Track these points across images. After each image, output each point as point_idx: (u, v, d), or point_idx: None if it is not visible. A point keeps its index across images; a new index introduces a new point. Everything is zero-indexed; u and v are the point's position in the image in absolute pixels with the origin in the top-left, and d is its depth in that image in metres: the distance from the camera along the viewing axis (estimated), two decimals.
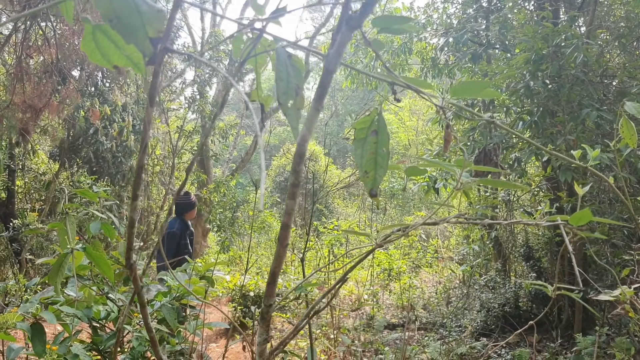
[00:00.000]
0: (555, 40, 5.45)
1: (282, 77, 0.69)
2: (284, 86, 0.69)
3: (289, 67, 0.69)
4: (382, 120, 0.80)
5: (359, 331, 6.57)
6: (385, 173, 0.80)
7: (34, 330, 1.68)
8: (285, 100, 0.68)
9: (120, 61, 0.66)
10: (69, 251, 1.59)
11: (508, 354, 6.09)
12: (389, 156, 0.79)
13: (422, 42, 10.07)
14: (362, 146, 0.80)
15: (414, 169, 0.89)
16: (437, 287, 9.09)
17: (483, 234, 7.54)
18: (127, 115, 11.07)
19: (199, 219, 15.82)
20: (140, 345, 1.90)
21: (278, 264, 0.74)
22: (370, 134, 0.79)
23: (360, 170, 0.79)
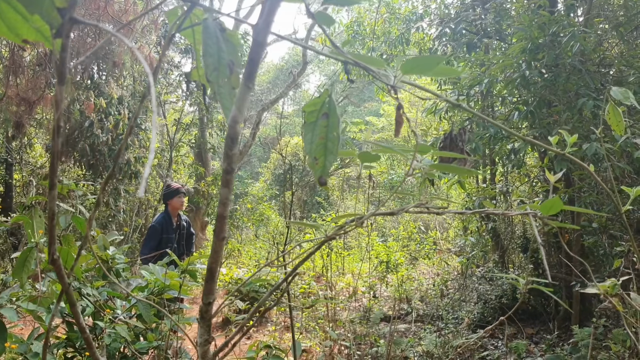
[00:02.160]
0: (551, 29, 5.36)
1: (212, 52, 0.62)
2: (214, 62, 0.62)
3: (221, 41, 0.63)
4: (332, 102, 0.73)
5: (355, 323, 6.53)
6: (335, 159, 0.74)
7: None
8: (215, 77, 0.62)
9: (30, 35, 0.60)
10: (33, 245, 1.53)
11: (505, 345, 6.05)
12: (339, 141, 0.73)
13: (419, 33, 9.99)
14: (312, 130, 0.74)
15: (367, 154, 0.83)
16: (435, 279, 9.05)
17: (479, 226, 7.49)
18: (123, 109, 11.00)
19: (197, 212, 15.79)
20: (115, 342, 1.85)
21: (215, 259, 0.68)
22: (321, 117, 0.73)
23: (309, 157, 0.73)
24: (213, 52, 0.62)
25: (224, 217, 0.66)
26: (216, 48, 0.62)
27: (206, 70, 0.62)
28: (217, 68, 0.62)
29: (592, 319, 5.68)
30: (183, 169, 16.81)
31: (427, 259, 10.82)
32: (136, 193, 13.06)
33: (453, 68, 0.81)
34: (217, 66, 0.62)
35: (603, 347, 5.22)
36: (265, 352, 2.38)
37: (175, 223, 5.74)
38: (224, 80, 0.62)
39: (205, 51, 0.62)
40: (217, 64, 0.62)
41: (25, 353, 1.69)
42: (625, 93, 1.36)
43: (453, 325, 6.51)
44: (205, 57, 0.62)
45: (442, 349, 5.62)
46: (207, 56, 0.62)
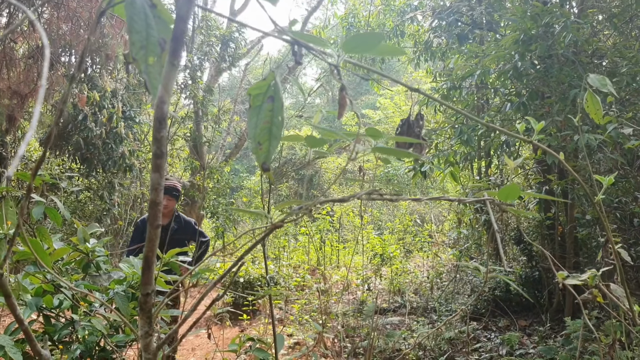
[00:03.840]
0: (544, 20, 5.32)
1: (139, 29, 0.59)
2: (141, 39, 0.59)
3: (150, 17, 0.59)
4: (277, 85, 0.70)
5: (348, 316, 6.52)
6: (278, 144, 0.71)
7: None
8: (142, 56, 0.59)
9: None
10: (2, 237, 1.51)
11: (498, 337, 6.04)
12: (284, 125, 0.70)
13: (414, 25, 9.94)
14: (257, 115, 0.71)
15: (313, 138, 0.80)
16: (429, 271, 9.04)
17: (471, 218, 7.47)
18: (116, 102, 10.94)
19: (193, 205, 15.76)
20: (92, 335, 1.82)
21: (151, 247, 0.65)
22: (267, 100, 0.70)
23: (252, 142, 0.70)
24: (140, 28, 0.59)
25: (156, 204, 0.63)
26: (144, 24, 0.59)
27: (131, 47, 0.59)
28: (144, 46, 0.59)
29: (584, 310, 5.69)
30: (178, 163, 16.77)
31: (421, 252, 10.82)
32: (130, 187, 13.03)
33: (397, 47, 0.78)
34: (145, 44, 0.59)
35: (594, 339, 5.22)
36: (249, 344, 2.36)
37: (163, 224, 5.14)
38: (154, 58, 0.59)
39: (131, 27, 0.59)
40: (144, 41, 0.59)
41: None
42: (602, 80, 1.33)
43: (446, 317, 6.50)
44: (131, 34, 0.59)
45: (435, 341, 5.62)
46: (133, 33, 0.59)
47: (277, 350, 2.04)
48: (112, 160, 11.07)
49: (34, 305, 1.80)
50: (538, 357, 5.38)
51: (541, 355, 5.39)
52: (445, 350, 5.59)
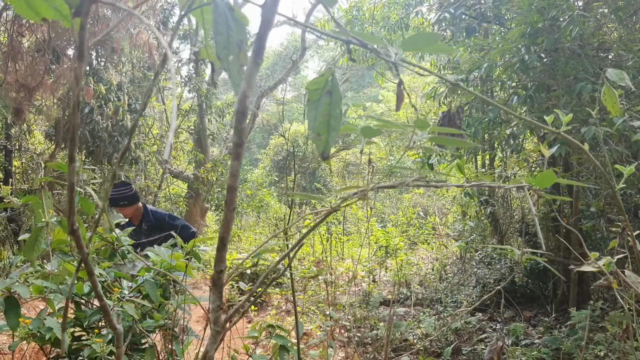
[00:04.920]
0: (551, 13, 5.36)
1: (222, 30, 0.65)
2: (224, 40, 0.65)
3: (229, 20, 0.66)
4: (335, 80, 0.77)
5: (355, 307, 6.60)
6: (337, 135, 0.77)
7: (8, 304, 1.67)
8: (225, 55, 0.65)
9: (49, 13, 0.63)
10: (43, 225, 1.57)
11: (503, 328, 6.12)
12: (342, 117, 0.76)
13: (419, 18, 9.97)
14: (316, 108, 0.77)
15: (368, 129, 0.86)
16: (434, 263, 9.11)
17: (478, 210, 7.54)
18: (122, 95, 10.99)
19: (197, 198, 15.83)
20: (123, 320, 1.89)
21: (226, 228, 0.72)
22: (324, 95, 0.76)
23: (312, 133, 0.76)
24: (222, 30, 0.65)
25: (234, 189, 0.70)
26: (225, 27, 0.65)
27: (217, 48, 0.65)
28: (226, 46, 0.65)
29: (589, 301, 5.75)
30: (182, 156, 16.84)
31: (426, 244, 10.89)
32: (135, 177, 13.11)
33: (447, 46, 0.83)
34: (227, 44, 0.65)
35: (600, 329, 5.29)
36: (268, 331, 2.43)
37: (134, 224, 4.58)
38: (233, 57, 0.65)
39: (215, 30, 0.65)
40: (226, 42, 0.65)
41: (39, 328, 1.74)
42: (620, 74, 1.39)
43: (452, 309, 6.58)
44: (216, 36, 0.65)
45: (441, 331, 5.69)
46: (217, 35, 0.65)
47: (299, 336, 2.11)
48: (118, 152, 11.13)
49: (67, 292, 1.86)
50: (543, 347, 5.45)
51: (546, 345, 5.47)
52: (452, 341, 5.66)
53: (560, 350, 5.22)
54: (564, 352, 5.10)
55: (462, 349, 5.53)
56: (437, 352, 5.50)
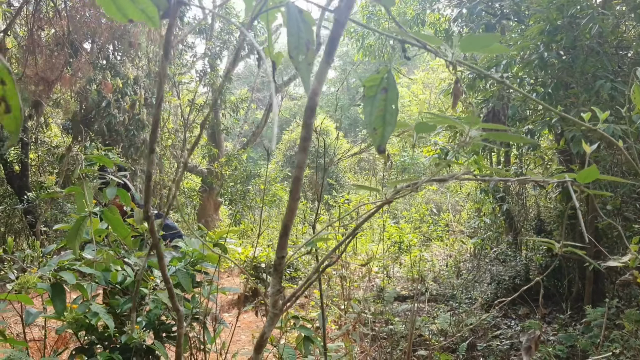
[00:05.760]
0: (570, 10, 5.36)
1: (293, 32, 0.70)
2: (295, 41, 0.70)
3: (299, 22, 0.70)
4: (391, 77, 0.81)
5: (369, 302, 6.64)
6: (393, 130, 0.81)
7: (55, 290, 1.74)
8: (296, 54, 0.70)
9: (135, 15, 0.68)
10: (86, 214, 1.63)
11: (518, 325, 6.14)
12: (398, 113, 0.80)
13: (435, 14, 9.96)
14: (372, 104, 0.81)
15: (423, 125, 0.91)
16: (447, 260, 9.13)
17: (494, 207, 7.54)
18: (139, 89, 11.08)
19: (211, 192, 15.93)
20: (157, 308, 1.95)
21: (290, 216, 0.76)
22: (380, 91, 0.81)
23: (368, 128, 0.81)
24: (294, 32, 0.70)
25: (299, 180, 0.74)
26: (296, 28, 0.70)
27: (289, 48, 0.69)
28: (297, 46, 0.70)
29: (604, 299, 5.76)
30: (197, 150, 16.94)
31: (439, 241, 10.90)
32: None
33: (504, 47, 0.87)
34: (297, 45, 0.70)
35: (615, 327, 5.30)
36: (293, 322, 2.48)
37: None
38: (303, 57, 0.70)
39: (288, 31, 0.70)
40: (297, 42, 0.70)
41: (85, 313, 1.80)
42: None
43: (467, 305, 6.61)
44: (289, 37, 0.70)
45: (456, 327, 5.73)
46: (289, 35, 0.70)
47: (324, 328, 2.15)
48: (134, 146, 11.24)
49: (103, 280, 1.93)
50: (558, 344, 5.47)
51: (561, 342, 5.48)
52: (467, 337, 5.69)
53: (575, 347, 5.23)
54: (579, 349, 5.11)
55: (477, 345, 5.56)
56: (452, 348, 5.54)
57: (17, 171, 11.36)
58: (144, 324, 1.94)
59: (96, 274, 1.82)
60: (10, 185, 11.47)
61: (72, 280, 1.72)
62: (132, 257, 1.98)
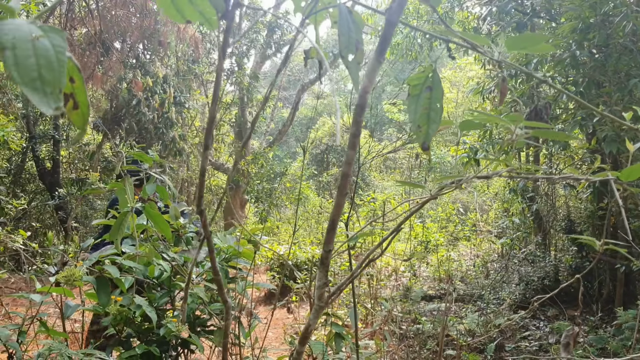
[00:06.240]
0: (603, 8, 5.27)
1: (344, 32, 0.72)
2: (346, 41, 0.72)
3: (350, 22, 0.72)
4: (436, 76, 0.82)
5: (396, 301, 6.64)
6: (437, 128, 0.83)
7: (99, 283, 1.79)
8: (346, 53, 0.72)
9: (193, 16, 0.71)
10: (128, 210, 1.67)
11: (546, 326, 6.08)
12: (442, 111, 0.82)
13: (464, 12, 9.88)
14: (416, 102, 0.83)
15: (469, 122, 0.92)
16: (474, 260, 9.07)
17: (524, 207, 7.46)
18: (168, 87, 11.23)
19: (237, 190, 16.06)
20: (193, 302, 1.99)
21: (338, 211, 0.78)
22: (425, 90, 0.82)
23: (413, 125, 0.82)
24: (345, 32, 0.72)
25: (347, 176, 0.76)
26: (347, 28, 0.72)
27: (340, 47, 0.72)
28: (347, 46, 0.72)
29: (636, 301, 5.66)
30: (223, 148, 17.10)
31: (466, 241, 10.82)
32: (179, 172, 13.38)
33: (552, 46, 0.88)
34: (347, 44, 0.72)
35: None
36: (324, 319, 2.51)
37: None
38: (352, 56, 0.72)
39: (340, 31, 0.72)
40: (347, 42, 0.72)
41: (129, 305, 1.85)
42: None
43: (494, 306, 6.56)
44: (340, 37, 0.72)
45: (484, 327, 5.69)
46: (341, 35, 0.72)
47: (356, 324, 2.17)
48: (163, 144, 11.39)
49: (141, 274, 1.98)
50: (589, 346, 5.40)
51: (592, 344, 5.41)
52: (495, 337, 5.65)
53: (605, 349, 5.16)
54: (610, 351, 5.04)
55: (506, 345, 5.52)
56: (480, 348, 5.51)
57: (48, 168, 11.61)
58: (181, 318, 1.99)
59: (139, 267, 1.87)
60: (42, 181, 11.73)
61: (117, 274, 1.77)
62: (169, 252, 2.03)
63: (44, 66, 0.52)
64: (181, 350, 2.11)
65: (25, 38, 0.52)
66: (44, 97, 0.52)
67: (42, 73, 0.52)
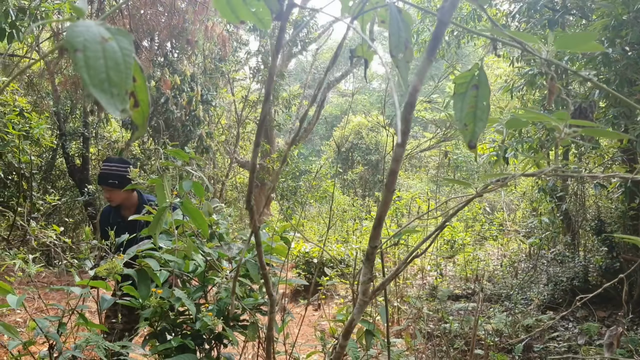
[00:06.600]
0: (636, 5, 5.18)
1: (394, 31, 0.73)
2: (395, 40, 0.73)
3: (399, 22, 0.73)
4: (483, 74, 0.83)
5: (423, 300, 6.62)
6: (484, 126, 0.83)
7: (140, 276, 1.84)
8: (396, 52, 0.73)
9: (247, 17, 0.72)
10: (167, 205, 1.71)
11: (576, 327, 6.00)
12: (489, 110, 0.82)
13: (492, 9, 9.78)
14: (462, 100, 0.84)
15: (516, 120, 0.92)
16: (502, 260, 8.98)
17: (553, 207, 7.37)
18: (195, 85, 11.34)
19: (262, 188, 16.15)
20: (227, 297, 2.02)
21: (385, 208, 0.79)
22: (471, 88, 0.83)
23: (459, 123, 0.83)
24: (395, 31, 0.73)
25: (395, 173, 0.78)
26: (397, 28, 0.73)
27: (390, 46, 0.73)
28: (397, 45, 0.73)
29: None
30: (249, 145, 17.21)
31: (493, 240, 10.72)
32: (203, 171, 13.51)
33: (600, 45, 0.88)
34: (397, 43, 0.73)
35: None
36: None
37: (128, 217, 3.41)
38: (402, 55, 0.73)
39: (390, 30, 0.73)
40: (397, 41, 0.73)
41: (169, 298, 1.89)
42: None
43: (522, 306, 6.50)
44: (390, 36, 0.73)
45: (512, 328, 5.64)
46: (391, 35, 0.73)
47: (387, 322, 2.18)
48: (190, 142, 11.51)
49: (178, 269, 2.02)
50: (619, 347, 5.31)
51: (622, 346, 5.33)
52: (523, 338, 5.60)
53: (637, 352, 5.08)
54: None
55: (534, 346, 5.47)
56: (508, 349, 5.46)
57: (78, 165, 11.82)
58: (215, 312, 2.02)
59: (178, 262, 1.91)
60: (72, 178, 11.94)
61: (157, 267, 1.81)
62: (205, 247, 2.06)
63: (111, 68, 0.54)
64: (215, 343, 2.15)
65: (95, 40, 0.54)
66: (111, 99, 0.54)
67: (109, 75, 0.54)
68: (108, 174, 3.51)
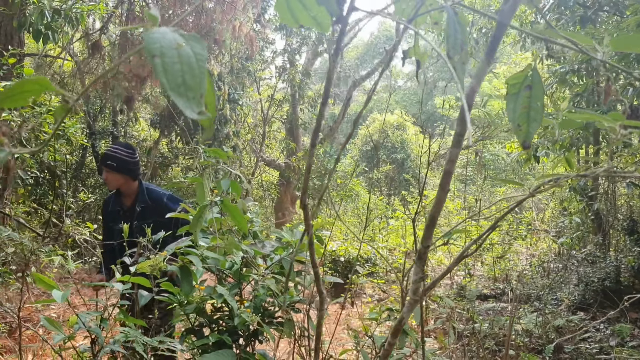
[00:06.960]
0: None
1: (451, 33, 0.74)
2: (452, 42, 0.74)
3: (456, 24, 0.74)
4: (536, 75, 0.83)
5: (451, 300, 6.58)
6: (538, 126, 0.83)
7: (183, 272, 1.88)
8: (453, 54, 0.74)
9: (306, 21, 0.74)
10: (208, 203, 1.74)
11: (607, 328, 5.91)
12: (543, 110, 0.83)
13: (521, 6, 9.67)
14: (515, 101, 0.84)
15: (569, 121, 0.92)
16: (530, 259, 8.88)
17: (584, 206, 7.26)
18: (222, 85, 11.44)
19: (288, 186, 16.22)
20: (264, 295, 2.05)
21: (438, 208, 0.80)
22: (524, 88, 0.83)
23: (512, 124, 0.83)
24: (452, 33, 0.74)
25: (450, 173, 0.78)
26: (453, 30, 0.74)
27: (447, 47, 0.74)
28: (454, 47, 0.74)
29: None
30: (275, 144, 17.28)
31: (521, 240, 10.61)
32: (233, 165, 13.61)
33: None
34: (454, 45, 0.74)
35: None
36: (387, 314, 2.53)
37: (127, 205, 3.67)
38: (458, 56, 0.74)
39: (448, 32, 0.74)
40: (454, 43, 0.74)
41: (211, 294, 1.93)
42: None
43: (552, 306, 6.42)
44: (448, 38, 0.74)
45: (542, 328, 5.58)
46: (449, 37, 0.74)
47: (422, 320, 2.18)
48: (217, 140, 11.61)
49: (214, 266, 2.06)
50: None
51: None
52: (553, 338, 5.54)
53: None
54: None
55: (565, 347, 5.40)
56: (538, 349, 5.41)
57: None
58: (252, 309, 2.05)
59: (220, 259, 1.95)
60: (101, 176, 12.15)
61: (199, 264, 1.84)
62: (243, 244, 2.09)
63: (187, 72, 0.56)
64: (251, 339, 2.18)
65: (171, 46, 0.56)
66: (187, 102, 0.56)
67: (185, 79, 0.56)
68: (108, 155, 3.53)
